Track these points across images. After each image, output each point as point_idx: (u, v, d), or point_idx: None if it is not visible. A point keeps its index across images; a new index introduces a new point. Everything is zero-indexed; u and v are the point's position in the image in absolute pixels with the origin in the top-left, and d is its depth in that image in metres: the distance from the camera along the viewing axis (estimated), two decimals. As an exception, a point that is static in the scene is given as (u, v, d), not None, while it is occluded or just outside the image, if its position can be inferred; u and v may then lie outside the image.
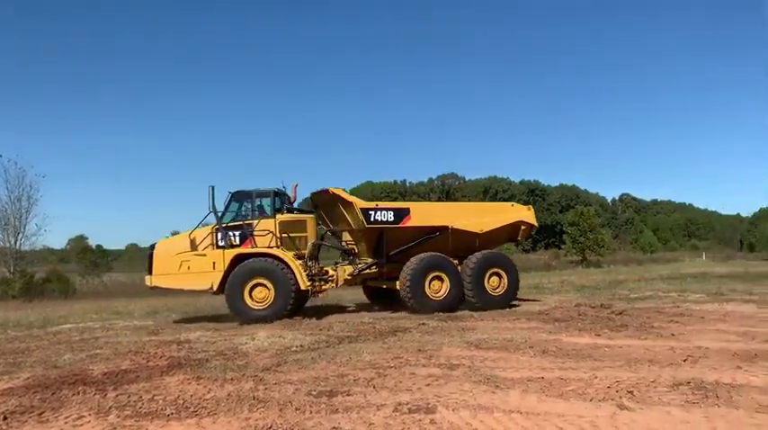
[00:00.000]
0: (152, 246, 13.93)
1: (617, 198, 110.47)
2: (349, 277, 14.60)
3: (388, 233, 14.28)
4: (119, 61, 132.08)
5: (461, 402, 5.57)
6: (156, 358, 8.58)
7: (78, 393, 6.49)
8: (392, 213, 14.22)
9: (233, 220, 13.87)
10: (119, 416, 5.56)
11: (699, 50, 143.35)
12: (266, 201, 14.11)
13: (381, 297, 16.21)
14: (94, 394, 6.43)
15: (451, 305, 14.00)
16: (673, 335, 9.42)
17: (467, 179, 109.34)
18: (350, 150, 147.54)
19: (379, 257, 14.54)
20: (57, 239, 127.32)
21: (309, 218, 14.71)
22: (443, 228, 14.56)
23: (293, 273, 13.18)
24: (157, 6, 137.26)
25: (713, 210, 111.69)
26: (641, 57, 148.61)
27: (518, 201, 20.46)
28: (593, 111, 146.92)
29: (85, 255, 53.98)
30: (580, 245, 58.97)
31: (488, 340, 9.26)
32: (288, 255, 13.42)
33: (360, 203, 14.08)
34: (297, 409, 5.52)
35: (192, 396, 6.21)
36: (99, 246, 60.23)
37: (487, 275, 14.38)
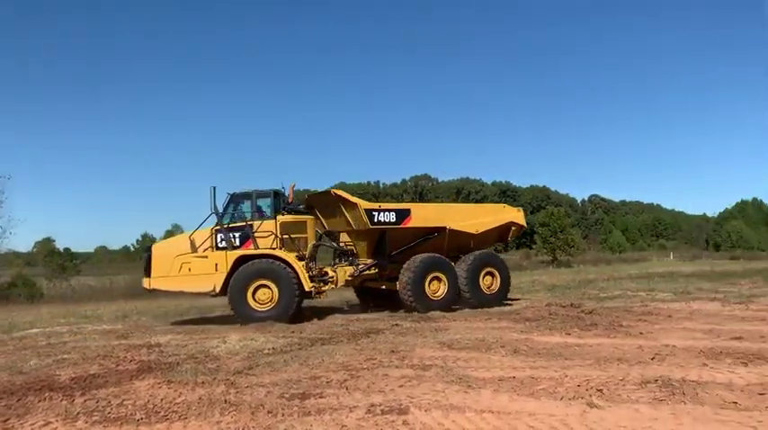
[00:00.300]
0: (148, 248, 13.84)
1: (586, 199, 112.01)
2: (350, 278, 14.65)
3: (390, 234, 14.48)
4: (108, 62, 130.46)
5: (434, 402, 5.59)
6: (126, 362, 8.46)
7: (45, 399, 6.37)
8: (394, 214, 14.42)
9: (232, 221, 13.72)
10: (87, 422, 5.47)
11: (679, 52, 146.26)
12: (266, 202, 14.03)
13: (374, 297, 16.17)
14: (62, 400, 6.31)
15: (449, 305, 14.33)
16: (641, 333, 9.58)
17: (439, 180, 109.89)
18: (322, 151, 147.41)
19: (380, 258, 14.69)
20: (23, 242, 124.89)
21: (309, 219, 14.68)
22: (441, 229, 14.87)
23: (297, 275, 13.19)
24: (156, 6, 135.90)
25: (680, 210, 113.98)
26: (613, 59, 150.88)
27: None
28: (564, 114, 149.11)
29: (53, 259, 52.82)
30: (551, 245, 59.61)
31: (461, 340, 9.32)
32: (291, 257, 13.41)
33: (364, 204, 14.20)
34: (269, 412, 5.49)
35: (162, 400, 6.14)
36: (67, 249, 58.96)
37: (482, 274, 14.86)
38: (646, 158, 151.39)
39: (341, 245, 15.55)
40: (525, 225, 16.55)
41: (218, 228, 13.49)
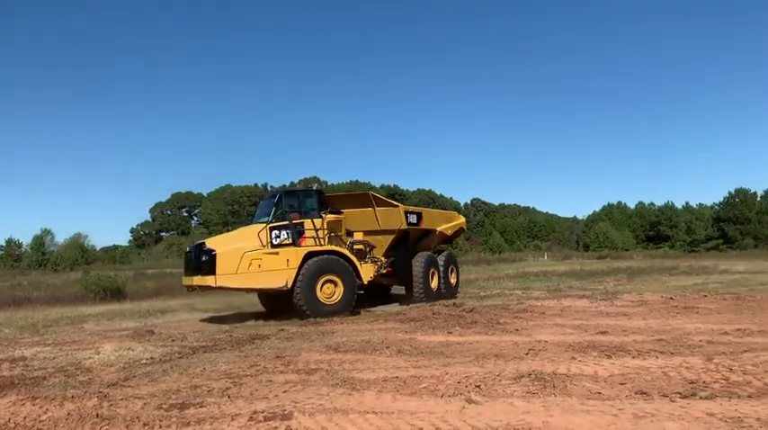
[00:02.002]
0: (201, 246, 13.42)
1: (469, 202, 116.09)
2: (375, 274, 15.36)
3: (412, 233, 16.25)
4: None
5: (318, 406, 5.58)
6: (-16, 379, 7.78)
7: None
8: (416, 216, 16.44)
9: (285, 219, 13.82)
10: (-64, 447, 4.99)
11: (551, 60, 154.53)
12: (313, 201, 14.50)
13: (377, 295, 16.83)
14: None
15: (442, 296, 16.58)
16: (517, 330, 10.07)
17: (329, 183, 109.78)
18: (207, 152, 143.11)
19: (399, 256, 16.00)
20: None
21: (343, 218, 15.31)
22: (433, 231, 17.13)
23: (356, 270, 14.04)
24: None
25: (553, 212, 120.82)
26: (496, 64, 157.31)
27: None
28: (448, 119, 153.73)
29: None
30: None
31: (347, 343, 9.37)
32: (349, 253, 14.30)
33: (403, 207, 16.07)
34: (145, 425, 5.25)
35: (25, 418, 5.69)
36: None
37: (449, 270, 17.46)
38: (522, 163, 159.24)
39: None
40: (465, 229, 19.81)
41: (275, 224, 13.55)
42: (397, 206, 15.87)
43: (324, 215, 14.23)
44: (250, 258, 12.97)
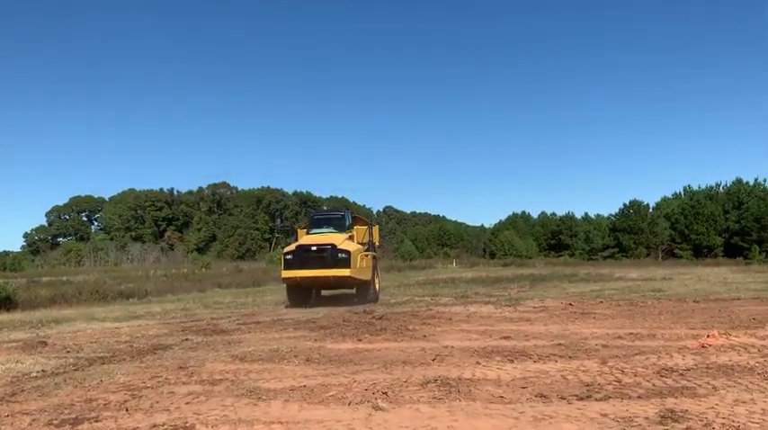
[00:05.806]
0: (333, 246, 16.35)
1: (382, 210, 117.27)
2: None
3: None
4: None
5: (221, 418, 5.42)
6: None
7: None
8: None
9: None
10: None
11: (454, 74, 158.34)
12: (349, 217, 19.00)
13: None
14: None
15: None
16: (425, 336, 10.21)
17: (239, 189, 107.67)
18: (111, 154, 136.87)
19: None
20: None
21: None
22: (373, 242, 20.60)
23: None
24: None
25: (462, 221, 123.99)
26: (403, 78, 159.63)
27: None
28: (360, 126, 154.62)
29: None
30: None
31: (254, 352, 9.18)
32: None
33: (377, 227, 20.49)
34: (33, 443, 4.93)
35: None
36: None
37: None
38: (433, 173, 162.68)
39: None
40: None
41: (350, 234, 17.84)
42: (375, 225, 20.51)
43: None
44: (363, 257, 16.99)
